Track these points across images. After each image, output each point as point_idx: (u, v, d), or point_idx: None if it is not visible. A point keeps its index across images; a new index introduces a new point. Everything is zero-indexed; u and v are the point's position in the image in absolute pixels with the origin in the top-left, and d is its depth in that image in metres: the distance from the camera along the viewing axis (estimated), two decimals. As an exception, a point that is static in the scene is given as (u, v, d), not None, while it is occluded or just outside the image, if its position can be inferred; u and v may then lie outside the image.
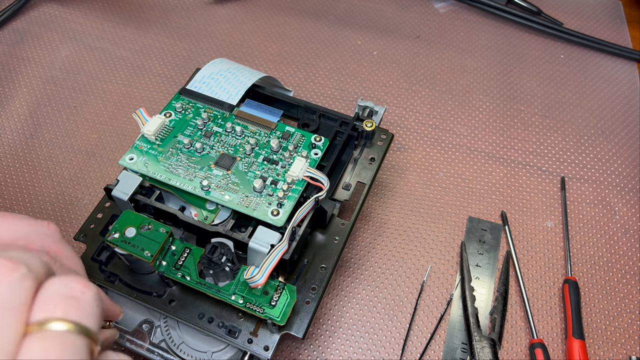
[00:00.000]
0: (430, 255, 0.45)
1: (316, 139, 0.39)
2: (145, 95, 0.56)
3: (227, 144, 0.38)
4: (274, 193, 0.35)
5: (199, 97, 0.41)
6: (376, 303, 0.43)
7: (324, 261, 0.36)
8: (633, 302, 0.43)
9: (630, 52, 0.61)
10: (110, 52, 0.60)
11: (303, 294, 0.34)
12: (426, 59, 0.61)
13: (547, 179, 0.51)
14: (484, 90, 0.58)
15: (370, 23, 0.65)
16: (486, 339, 0.40)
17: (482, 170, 0.51)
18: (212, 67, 0.43)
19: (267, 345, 0.33)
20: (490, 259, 0.45)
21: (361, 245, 0.46)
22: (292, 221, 0.33)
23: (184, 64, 0.59)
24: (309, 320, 0.33)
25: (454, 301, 0.43)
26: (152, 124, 0.37)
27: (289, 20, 0.65)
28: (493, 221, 0.48)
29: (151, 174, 0.36)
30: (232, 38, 0.62)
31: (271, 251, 0.32)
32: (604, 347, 0.41)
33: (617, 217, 0.48)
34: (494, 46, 0.63)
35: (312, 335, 0.41)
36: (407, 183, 0.50)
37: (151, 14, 0.65)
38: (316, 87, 0.58)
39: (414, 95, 0.57)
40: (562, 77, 0.60)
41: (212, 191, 0.35)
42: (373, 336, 0.41)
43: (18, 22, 0.62)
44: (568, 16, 0.66)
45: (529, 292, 0.44)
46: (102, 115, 0.54)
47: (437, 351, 0.41)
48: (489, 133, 0.54)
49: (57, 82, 0.57)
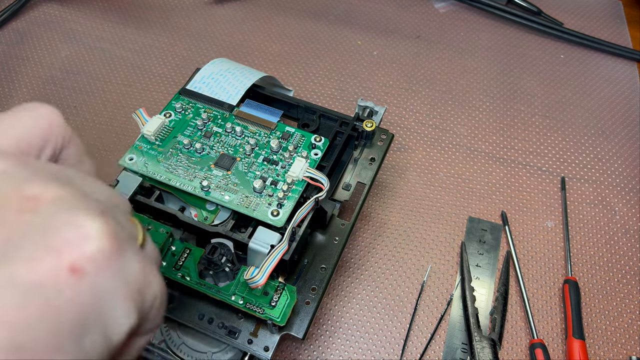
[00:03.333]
0: (430, 256, 0.45)
1: (316, 139, 0.39)
2: (145, 95, 0.56)
3: (227, 144, 0.38)
4: (274, 193, 0.35)
5: (199, 97, 0.41)
6: (376, 303, 0.43)
7: (324, 262, 0.36)
8: (633, 302, 0.43)
9: (630, 52, 0.61)
10: (110, 52, 0.60)
11: (303, 295, 0.34)
12: (426, 59, 0.61)
13: (547, 179, 0.51)
14: (484, 90, 0.58)
15: (370, 23, 0.65)
16: (486, 339, 0.40)
17: (482, 170, 0.51)
18: (212, 67, 0.43)
19: (267, 345, 0.33)
20: (491, 259, 0.45)
21: (361, 246, 0.46)
22: (292, 222, 0.33)
23: (184, 64, 0.59)
24: (309, 321, 0.33)
25: (454, 301, 0.43)
26: (152, 124, 0.37)
27: (289, 20, 0.65)
28: (493, 221, 0.48)
29: (151, 175, 0.36)
30: (232, 38, 0.62)
31: (271, 252, 0.32)
32: (604, 347, 0.41)
33: (617, 217, 0.48)
34: (494, 46, 0.63)
35: (312, 335, 0.41)
36: (407, 183, 0.50)
37: (151, 14, 0.65)
38: (316, 87, 0.58)
39: (414, 95, 0.57)
40: (562, 77, 0.60)
41: (212, 191, 0.35)
42: (373, 336, 0.41)
43: (18, 22, 0.62)
44: (568, 16, 0.66)
45: (529, 292, 0.44)
46: (101, 115, 0.54)
47: (437, 351, 0.41)
48: (489, 133, 0.54)
49: (57, 82, 0.57)
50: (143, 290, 0.19)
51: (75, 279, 0.16)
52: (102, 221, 0.17)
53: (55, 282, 0.16)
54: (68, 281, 0.16)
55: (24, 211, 0.17)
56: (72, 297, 0.16)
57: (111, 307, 0.17)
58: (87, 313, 0.16)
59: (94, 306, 0.17)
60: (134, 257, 0.19)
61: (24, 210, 0.17)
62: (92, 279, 0.17)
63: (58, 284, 0.16)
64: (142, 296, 0.19)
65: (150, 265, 0.20)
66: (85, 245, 0.17)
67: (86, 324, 0.16)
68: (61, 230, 0.17)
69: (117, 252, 0.17)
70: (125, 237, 0.19)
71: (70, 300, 0.16)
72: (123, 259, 0.18)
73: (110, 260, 0.17)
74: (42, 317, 0.15)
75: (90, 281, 0.16)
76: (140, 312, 0.19)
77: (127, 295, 0.18)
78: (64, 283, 0.16)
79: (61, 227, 0.17)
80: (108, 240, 0.17)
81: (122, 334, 0.18)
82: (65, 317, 0.16)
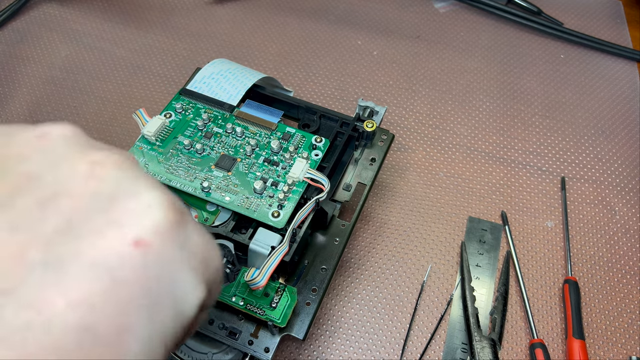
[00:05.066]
0: (430, 256, 0.46)
1: (317, 140, 0.39)
2: (145, 95, 0.56)
3: (227, 145, 0.38)
4: (275, 194, 0.35)
5: (199, 98, 0.41)
6: (376, 303, 0.43)
7: (324, 262, 0.36)
8: (633, 302, 0.43)
9: (630, 52, 0.61)
10: (110, 52, 0.60)
11: (303, 296, 0.34)
12: (426, 59, 0.61)
13: (547, 179, 0.51)
14: (484, 90, 0.58)
15: (370, 23, 0.65)
16: (486, 339, 0.40)
17: (482, 170, 0.51)
18: (212, 68, 0.43)
19: (267, 346, 0.33)
20: (491, 259, 0.45)
21: (361, 246, 0.46)
22: (292, 223, 0.33)
23: (184, 64, 0.59)
24: (310, 322, 0.33)
25: (454, 301, 0.43)
26: (152, 124, 0.37)
27: (289, 20, 0.65)
28: (493, 221, 0.48)
29: (151, 175, 0.36)
30: (232, 38, 0.62)
31: (272, 253, 0.32)
32: (604, 347, 0.41)
33: (617, 217, 0.48)
34: (494, 46, 0.63)
35: (312, 335, 0.41)
36: (407, 183, 0.50)
37: (151, 14, 0.65)
38: (316, 87, 0.58)
39: (414, 95, 0.57)
40: (562, 77, 0.60)
41: (212, 192, 0.35)
42: (373, 336, 0.41)
43: (18, 22, 0.62)
44: (568, 16, 0.66)
45: (529, 292, 0.44)
46: (102, 115, 0.54)
47: (437, 351, 0.41)
48: (489, 133, 0.54)
49: (57, 82, 0.57)
50: (207, 262, 0.18)
51: (141, 252, 0.15)
52: (161, 191, 0.17)
53: (120, 257, 0.15)
54: (133, 255, 0.15)
55: (91, 178, 0.16)
56: (139, 272, 0.15)
57: (180, 280, 0.16)
58: (155, 288, 0.16)
59: (162, 280, 0.16)
60: (194, 228, 0.18)
61: (90, 177, 0.16)
62: (157, 251, 0.16)
63: (123, 259, 0.15)
64: (207, 268, 0.18)
65: (210, 236, 0.19)
66: (148, 215, 0.16)
67: (156, 300, 0.16)
68: (124, 200, 0.16)
69: (180, 223, 0.17)
70: (184, 208, 0.18)
71: (137, 275, 0.15)
72: (185, 230, 0.17)
73: (174, 231, 0.17)
74: (109, 295, 0.15)
75: (156, 254, 0.16)
76: (207, 285, 0.18)
77: (194, 266, 0.17)
78: (129, 257, 0.15)
79: (124, 197, 0.16)
80: (170, 210, 0.17)
81: (193, 308, 0.17)
82: (133, 294, 0.15)
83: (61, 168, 0.16)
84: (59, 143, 0.17)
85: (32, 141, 0.17)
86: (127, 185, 0.17)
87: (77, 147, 0.17)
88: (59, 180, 0.16)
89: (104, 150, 0.18)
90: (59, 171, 0.16)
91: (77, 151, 0.17)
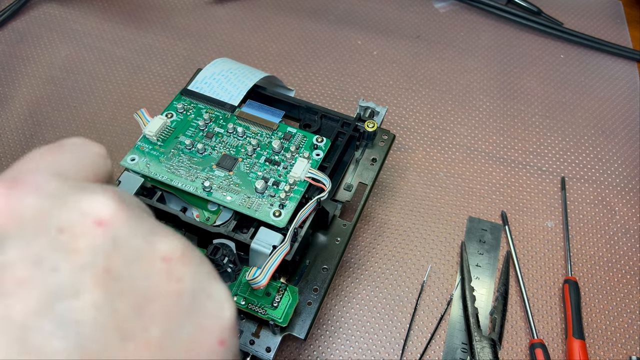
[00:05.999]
0: (430, 255, 0.46)
1: (318, 140, 0.39)
2: (146, 95, 0.56)
3: (228, 145, 0.38)
4: (276, 194, 0.35)
5: (201, 98, 0.41)
6: (376, 303, 0.43)
7: (325, 262, 0.36)
8: (633, 302, 0.43)
9: (630, 52, 0.61)
10: (110, 52, 0.60)
11: (305, 295, 0.34)
12: (426, 59, 0.61)
13: (547, 179, 0.51)
14: (484, 90, 0.58)
15: (370, 23, 0.65)
16: (486, 339, 0.40)
17: (482, 170, 0.51)
18: (214, 68, 0.43)
19: (269, 346, 0.33)
20: (491, 259, 0.45)
21: (361, 246, 0.46)
22: (294, 222, 0.33)
23: (184, 64, 0.59)
24: (311, 321, 0.33)
25: (454, 301, 0.43)
26: (153, 124, 0.37)
27: (289, 20, 0.65)
28: (493, 221, 0.48)
29: (153, 175, 0.36)
30: (232, 38, 0.62)
31: (273, 252, 0.32)
32: (604, 347, 0.41)
33: (617, 217, 0.48)
34: (494, 46, 0.63)
35: (313, 335, 0.41)
36: (407, 183, 0.50)
37: (151, 14, 0.65)
38: (316, 87, 0.58)
39: (414, 95, 0.57)
40: (562, 77, 0.60)
41: (214, 192, 0.35)
42: (373, 336, 0.41)
43: (18, 22, 0.62)
44: (568, 16, 0.66)
45: (529, 292, 0.44)
46: (102, 115, 0.54)
47: (437, 351, 0.41)
48: (489, 133, 0.54)
49: (57, 82, 0.57)
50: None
51: (224, 349, 0.18)
52: (222, 283, 0.19)
53: (210, 353, 0.17)
54: (220, 352, 0.18)
55: (170, 279, 0.17)
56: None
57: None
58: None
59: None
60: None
61: (169, 278, 0.17)
62: (233, 343, 0.19)
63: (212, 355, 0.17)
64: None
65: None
66: (225, 314, 0.18)
67: None
68: (202, 301, 0.17)
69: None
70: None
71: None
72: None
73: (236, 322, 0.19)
74: None
75: (233, 345, 0.19)
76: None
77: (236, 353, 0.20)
78: (216, 354, 0.17)
79: (201, 297, 0.17)
80: (233, 304, 0.19)
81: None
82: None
83: (138, 266, 0.16)
84: (118, 231, 0.17)
85: (91, 228, 0.16)
86: (200, 283, 0.18)
87: (136, 231, 0.17)
88: (139, 280, 0.16)
89: (160, 237, 0.18)
90: (136, 269, 0.16)
91: (142, 240, 0.17)
